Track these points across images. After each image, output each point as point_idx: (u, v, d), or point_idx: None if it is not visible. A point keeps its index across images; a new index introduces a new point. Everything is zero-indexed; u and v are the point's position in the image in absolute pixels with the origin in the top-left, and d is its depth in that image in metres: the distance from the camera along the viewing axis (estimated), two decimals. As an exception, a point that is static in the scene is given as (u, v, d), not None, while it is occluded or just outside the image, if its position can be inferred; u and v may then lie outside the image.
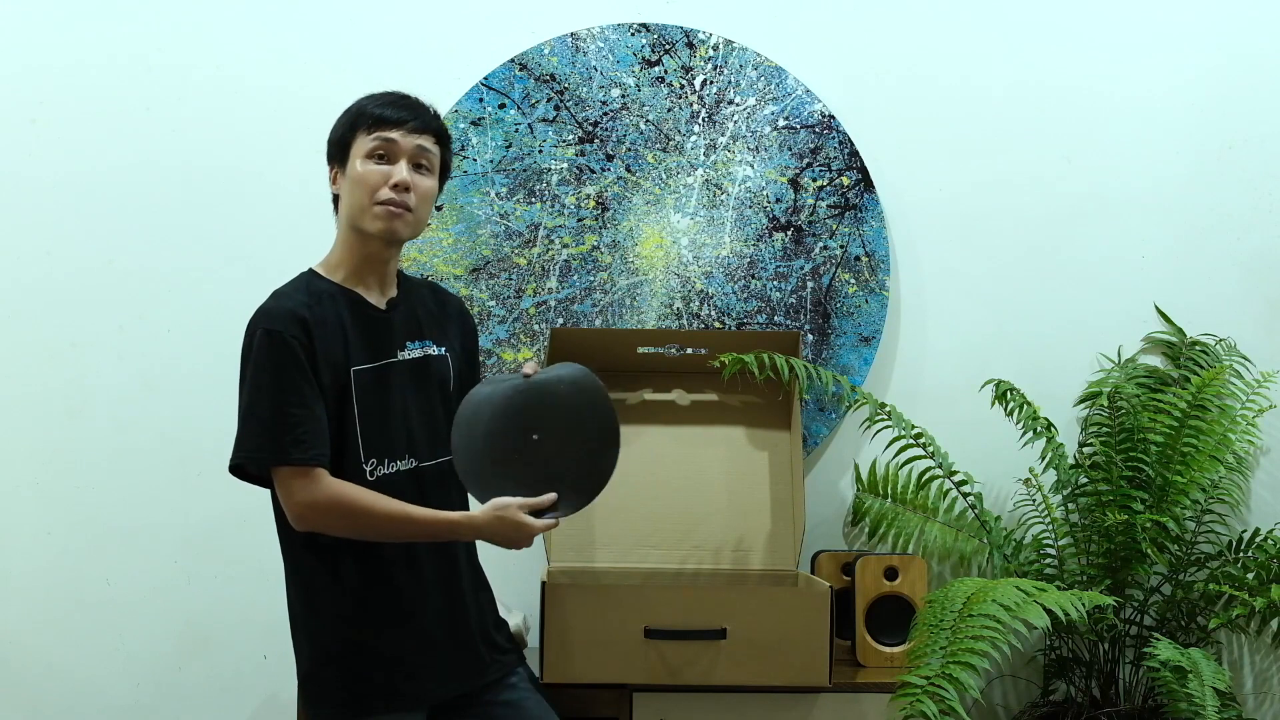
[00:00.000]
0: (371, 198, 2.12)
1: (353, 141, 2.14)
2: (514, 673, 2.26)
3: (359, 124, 2.14)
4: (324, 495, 2.03)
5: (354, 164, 2.13)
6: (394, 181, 2.12)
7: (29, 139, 3.02)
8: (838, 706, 2.58)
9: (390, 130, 2.12)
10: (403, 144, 2.13)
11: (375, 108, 2.15)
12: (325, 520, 2.05)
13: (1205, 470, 2.82)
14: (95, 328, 3.02)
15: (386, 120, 2.13)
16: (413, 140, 2.13)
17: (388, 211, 2.12)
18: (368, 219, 2.13)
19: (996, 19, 3.14)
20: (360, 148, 2.13)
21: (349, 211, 2.15)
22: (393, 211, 2.12)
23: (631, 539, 2.87)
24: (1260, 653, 3.10)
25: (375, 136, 2.12)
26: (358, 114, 2.16)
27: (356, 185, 2.13)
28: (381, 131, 2.12)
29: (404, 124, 2.13)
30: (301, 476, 2.03)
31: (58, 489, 3.01)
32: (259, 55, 3.05)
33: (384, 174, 2.12)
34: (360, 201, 2.12)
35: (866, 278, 3.07)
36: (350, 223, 2.16)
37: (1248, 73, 3.15)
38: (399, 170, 2.12)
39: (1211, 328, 3.12)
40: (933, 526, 3.01)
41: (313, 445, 2.04)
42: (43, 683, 3.00)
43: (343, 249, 2.18)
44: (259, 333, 2.07)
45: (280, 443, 2.03)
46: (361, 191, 2.12)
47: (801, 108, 3.07)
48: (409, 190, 2.13)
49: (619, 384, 2.91)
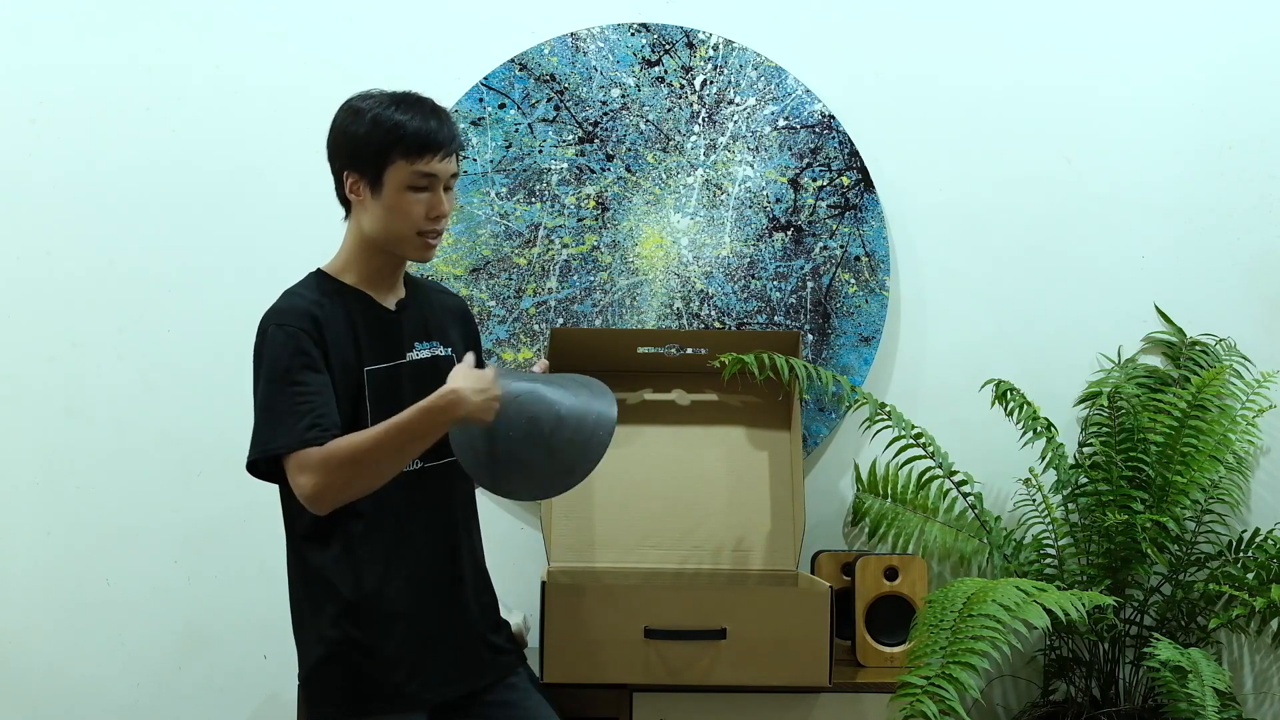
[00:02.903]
0: (414, 229, 2.13)
1: (389, 164, 2.10)
2: (514, 673, 2.26)
3: (396, 147, 2.10)
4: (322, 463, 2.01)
5: (392, 192, 2.11)
6: (436, 215, 2.13)
7: (29, 139, 3.02)
8: (838, 706, 2.58)
9: (431, 161, 2.11)
10: (441, 174, 2.13)
11: (414, 129, 2.10)
12: (335, 483, 2.02)
13: (1205, 470, 2.82)
14: (95, 328, 3.02)
15: (427, 148, 2.10)
16: (450, 167, 2.14)
17: (426, 243, 2.15)
18: (407, 248, 2.15)
19: (996, 19, 3.13)
20: (399, 176, 2.10)
21: (382, 236, 2.14)
22: (431, 243, 2.16)
23: (631, 539, 2.87)
24: (1260, 653, 3.10)
25: (418, 171, 2.10)
26: (395, 134, 2.09)
27: (396, 215, 2.12)
28: (423, 165, 2.10)
29: (442, 149, 2.12)
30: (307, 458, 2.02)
31: (58, 489, 3.01)
32: (259, 55, 3.05)
33: (426, 205, 2.12)
34: (400, 232, 2.13)
35: (866, 278, 3.07)
36: (379, 243, 2.15)
37: (1248, 73, 3.15)
38: (441, 204, 2.13)
39: (1211, 328, 3.11)
40: (933, 526, 3.01)
41: (327, 430, 2.04)
42: (43, 683, 3.00)
43: (355, 254, 2.18)
44: (271, 329, 2.08)
45: (293, 432, 2.03)
46: (404, 223, 2.12)
47: (801, 108, 3.07)
48: (445, 217, 2.16)
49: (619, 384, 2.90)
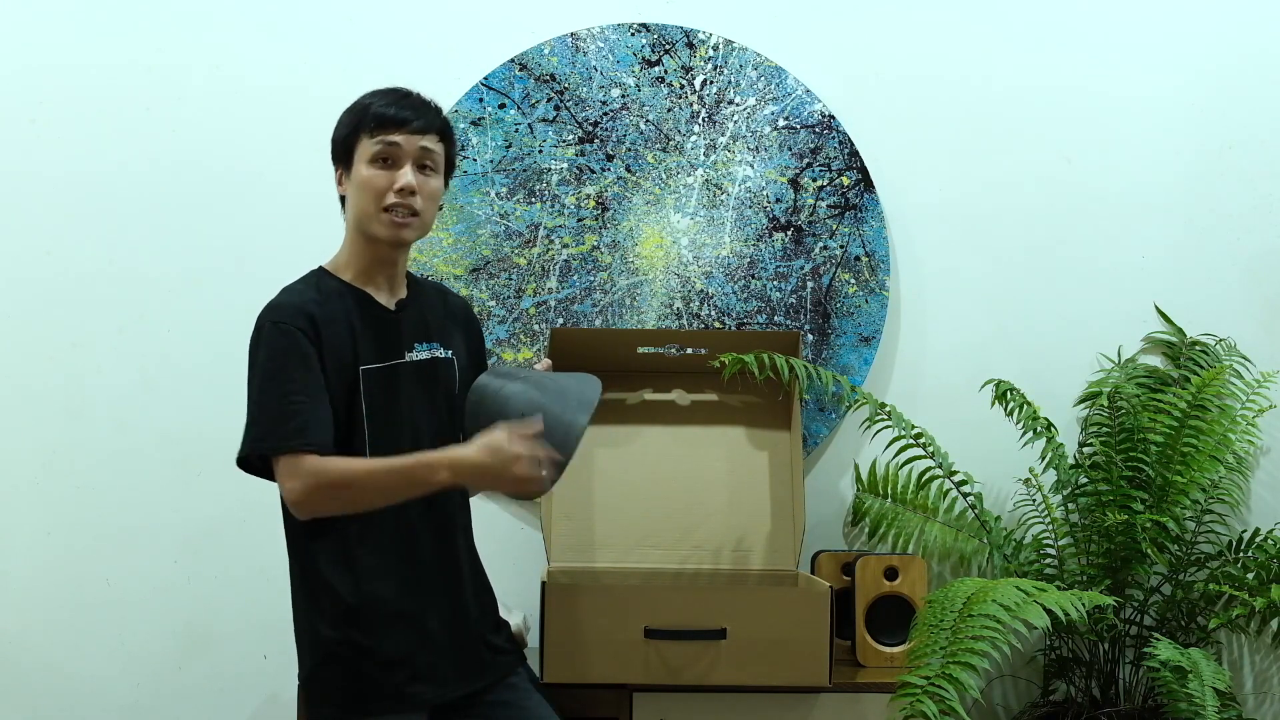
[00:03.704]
0: (377, 204, 2.11)
1: (356, 144, 2.13)
2: (514, 673, 2.26)
3: (362, 125, 2.13)
4: (313, 475, 2.02)
5: (358, 168, 2.12)
6: (399, 186, 2.11)
7: (29, 139, 3.02)
8: (838, 706, 2.58)
9: (393, 133, 2.11)
10: (406, 146, 2.12)
11: (378, 108, 2.13)
12: (319, 498, 2.03)
13: (1205, 470, 2.82)
14: (95, 328, 3.02)
15: (389, 122, 2.11)
16: (416, 141, 2.12)
17: (393, 220, 2.12)
18: (374, 225, 2.13)
19: (996, 19, 3.13)
20: (364, 151, 2.12)
21: (355, 216, 2.14)
22: (397, 220, 2.12)
23: (631, 539, 2.87)
24: (1260, 653, 3.10)
25: (378, 140, 2.11)
26: (360, 114, 2.14)
27: (362, 190, 2.12)
28: (384, 135, 2.11)
29: (407, 124, 2.12)
30: (299, 464, 2.02)
31: (58, 489, 3.01)
32: (259, 55, 3.05)
33: (389, 179, 2.11)
34: (366, 207, 2.12)
35: (866, 278, 3.07)
36: (357, 227, 2.15)
37: (1248, 73, 3.15)
38: (404, 175, 2.11)
39: (1211, 328, 3.11)
40: (933, 526, 3.01)
41: (313, 434, 2.03)
42: (43, 683, 3.00)
43: (351, 250, 2.18)
44: (266, 326, 2.08)
45: (282, 432, 2.03)
46: (367, 197, 2.12)
47: (801, 108, 3.07)
48: (414, 194, 2.12)
49: (619, 384, 2.91)
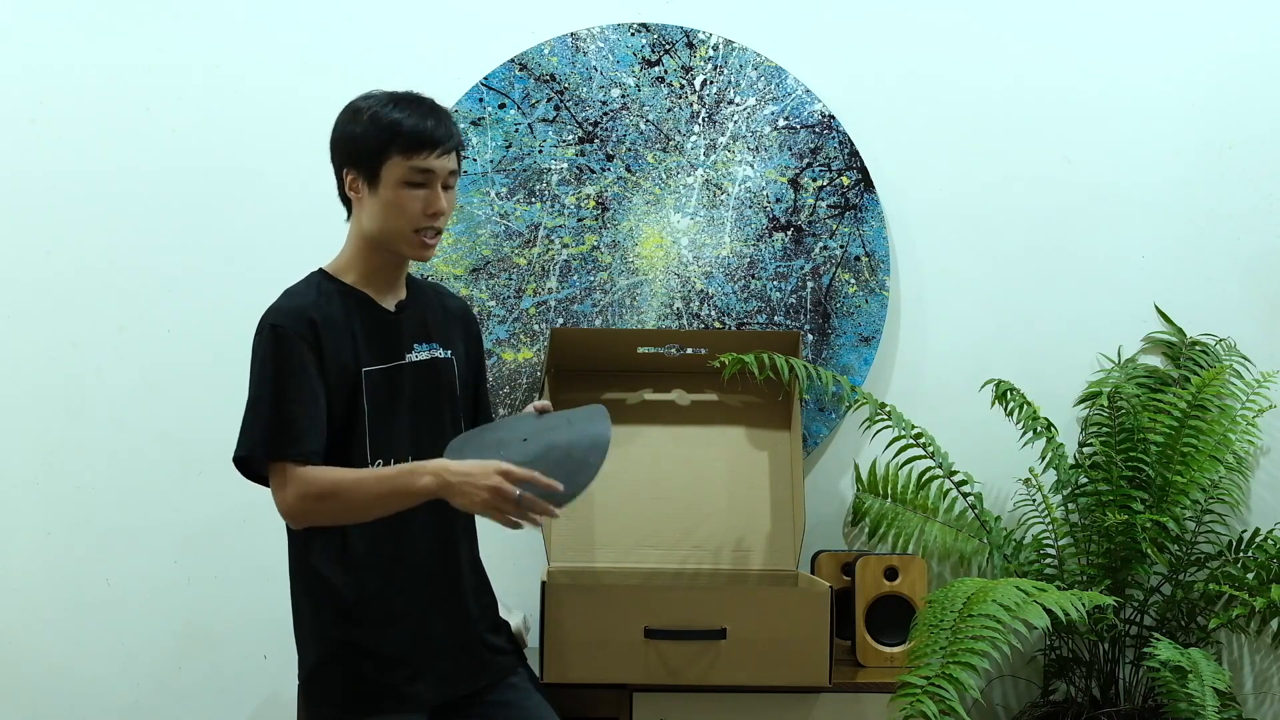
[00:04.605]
0: (411, 226, 2.12)
1: (385, 160, 2.10)
2: (514, 673, 2.26)
3: (393, 143, 2.10)
4: (304, 484, 2.03)
5: (388, 188, 2.11)
6: (432, 211, 2.12)
7: (29, 139, 3.01)
8: (838, 706, 2.58)
9: (428, 157, 2.10)
10: (438, 170, 2.12)
11: (410, 126, 2.10)
12: (309, 507, 2.04)
13: (1205, 470, 2.82)
14: (95, 328, 3.02)
15: (424, 145, 2.10)
16: (447, 165, 2.13)
17: (423, 240, 2.14)
18: (404, 246, 2.14)
19: (996, 19, 3.13)
20: (396, 172, 2.10)
21: (380, 233, 2.13)
22: (428, 241, 2.14)
23: (631, 539, 2.87)
24: (1260, 653, 3.10)
25: (414, 166, 2.10)
26: (391, 132, 2.10)
27: (393, 211, 2.11)
28: (419, 160, 2.10)
29: (439, 146, 2.11)
30: (292, 472, 2.03)
31: (58, 489, 3.01)
32: (259, 55, 3.04)
33: (423, 202, 2.11)
34: (397, 229, 2.12)
35: (866, 278, 3.07)
36: (376, 240, 2.15)
37: (1248, 73, 3.15)
38: (436, 199, 2.12)
39: (1211, 328, 3.11)
40: (933, 526, 3.01)
41: (307, 442, 2.04)
42: (43, 683, 3.00)
43: (356, 254, 2.18)
44: (267, 329, 2.08)
45: (275, 439, 2.04)
46: (401, 220, 2.12)
47: (801, 108, 3.07)
48: (443, 215, 2.15)
49: (619, 384, 2.91)
